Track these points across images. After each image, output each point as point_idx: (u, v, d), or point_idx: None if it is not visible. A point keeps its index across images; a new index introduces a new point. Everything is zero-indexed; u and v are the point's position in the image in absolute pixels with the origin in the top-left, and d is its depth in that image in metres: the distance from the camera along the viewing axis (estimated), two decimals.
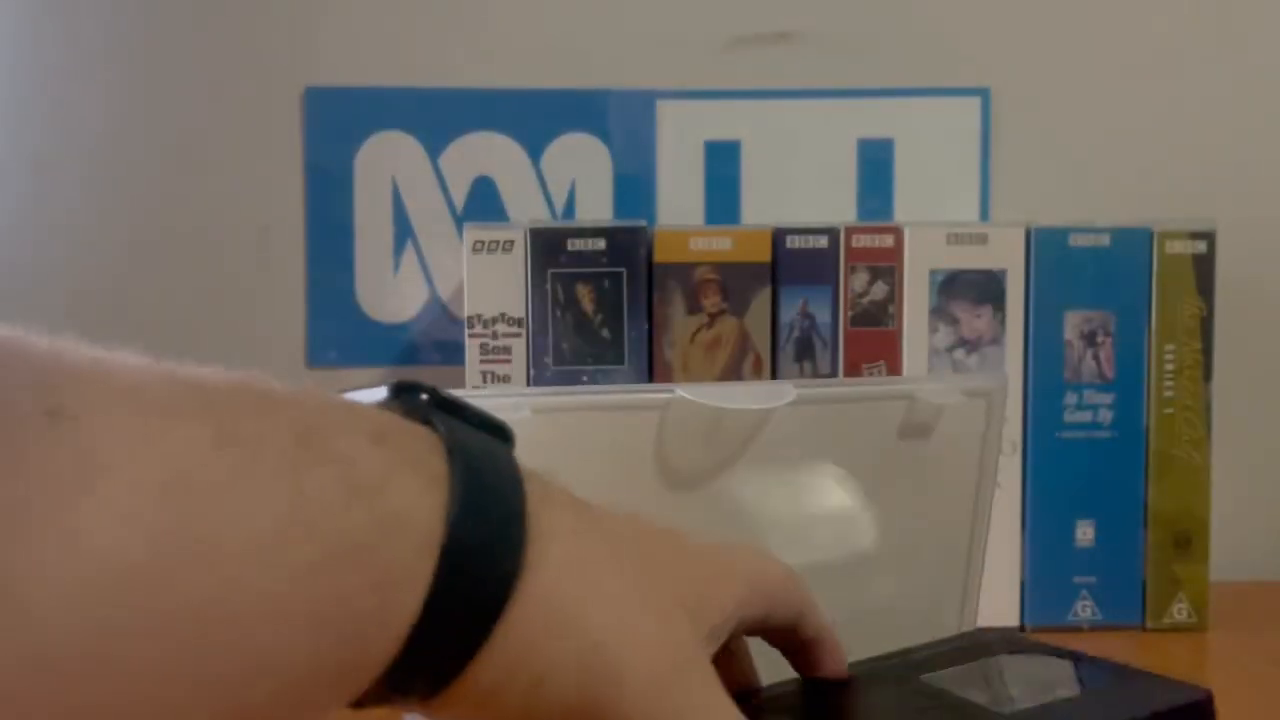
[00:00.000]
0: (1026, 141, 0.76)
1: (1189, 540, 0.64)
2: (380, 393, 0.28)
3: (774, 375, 0.63)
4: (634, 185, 0.76)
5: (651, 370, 0.63)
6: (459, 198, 0.76)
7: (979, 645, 0.38)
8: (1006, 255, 0.63)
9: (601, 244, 0.62)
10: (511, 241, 0.63)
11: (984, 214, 0.76)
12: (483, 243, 0.63)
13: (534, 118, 0.76)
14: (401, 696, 0.24)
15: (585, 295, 0.62)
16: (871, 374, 0.63)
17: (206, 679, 0.21)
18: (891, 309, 0.63)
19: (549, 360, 0.63)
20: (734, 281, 0.63)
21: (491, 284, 0.63)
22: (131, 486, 0.20)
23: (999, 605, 0.64)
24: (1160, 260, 0.63)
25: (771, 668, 0.35)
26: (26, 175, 0.76)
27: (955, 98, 0.76)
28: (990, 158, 0.76)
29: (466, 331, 0.63)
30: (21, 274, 0.76)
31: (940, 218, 0.73)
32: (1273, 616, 0.68)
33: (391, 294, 0.76)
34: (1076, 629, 0.64)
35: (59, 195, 0.76)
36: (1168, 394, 0.63)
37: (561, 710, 0.25)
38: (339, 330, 0.76)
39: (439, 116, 0.76)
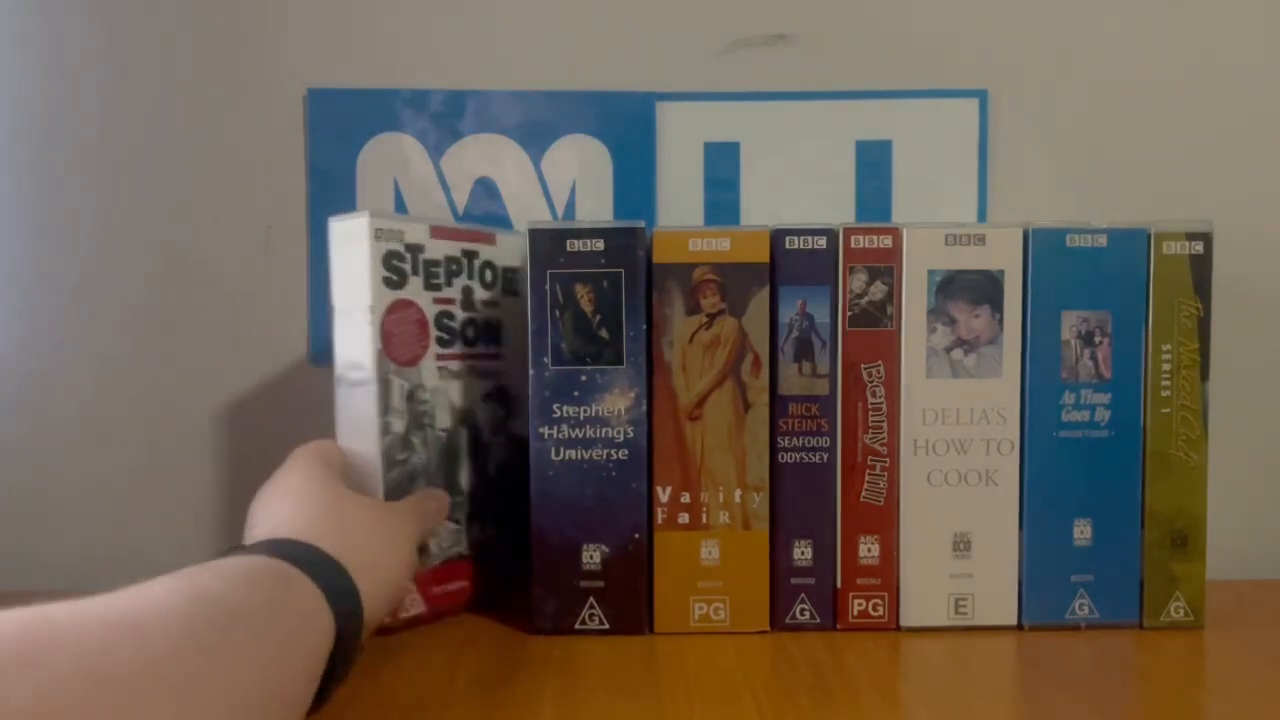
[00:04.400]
0: (1024, 143, 0.76)
1: (1186, 539, 0.64)
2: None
3: (773, 375, 0.64)
4: (634, 186, 0.76)
5: (651, 370, 0.63)
6: (460, 199, 0.76)
7: None
8: (1004, 256, 0.64)
9: (600, 244, 0.63)
10: (361, 230, 0.61)
11: (982, 215, 0.76)
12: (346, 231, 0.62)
13: (535, 119, 0.76)
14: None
15: (584, 296, 0.63)
16: (870, 374, 0.64)
17: None
18: (890, 309, 0.64)
19: (548, 360, 0.63)
20: (733, 282, 0.63)
21: (349, 273, 0.62)
22: None
23: (997, 604, 0.64)
24: (1157, 261, 0.64)
25: None
26: (29, 176, 0.77)
27: (953, 99, 0.76)
28: (988, 159, 0.76)
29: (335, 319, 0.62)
30: (24, 274, 0.77)
31: (938, 218, 0.74)
32: (1270, 615, 0.68)
33: None
34: (1074, 627, 0.64)
35: (62, 196, 0.77)
36: (1165, 394, 0.64)
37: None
38: None
39: (441, 118, 0.76)
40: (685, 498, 0.64)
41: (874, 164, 0.76)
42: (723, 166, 0.76)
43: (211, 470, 0.78)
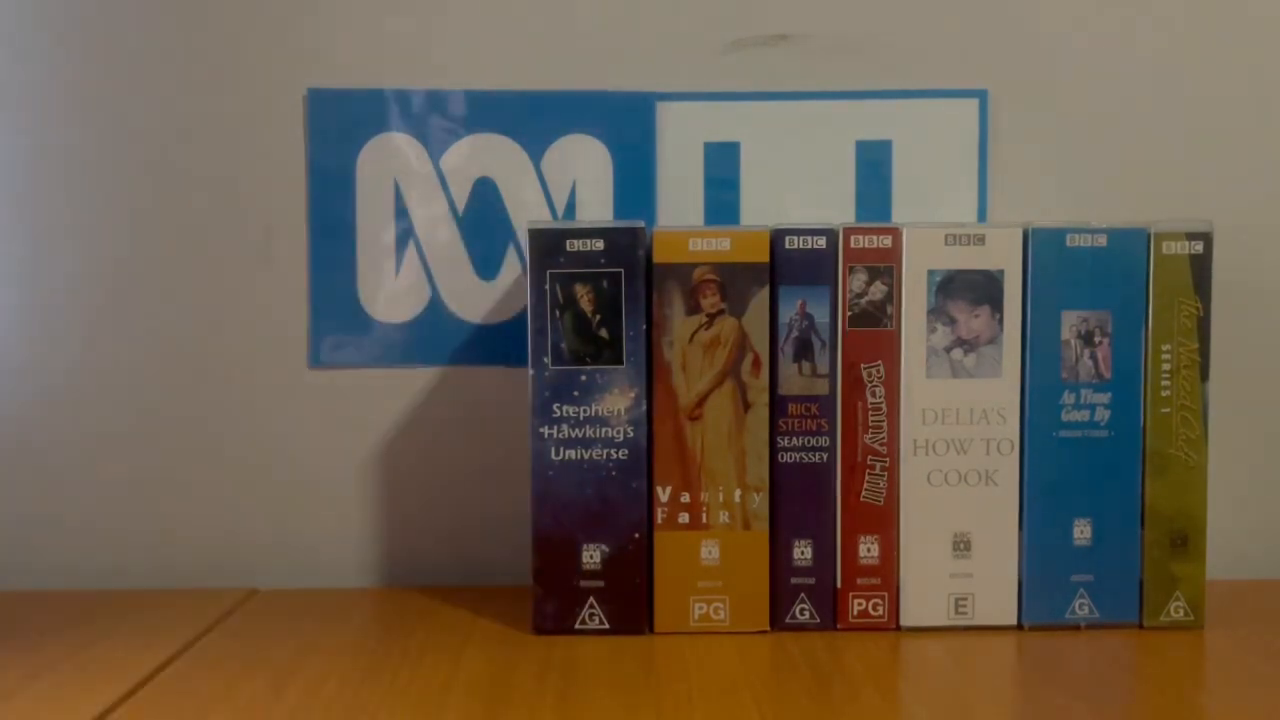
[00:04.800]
0: (1024, 143, 0.76)
1: (1186, 539, 0.64)
2: None
3: (773, 375, 0.64)
4: (634, 186, 0.76)
5: (651, 370, 0.63)
6: (460, 199, 0.76)
7: None
8: (1004, 256, 0.64)
9: (600, 244, 0.63)
10: None
11: (982, 215, 0.76)
12: None
13: (535, 119, 0.76)
14: None
15: (584, 295, 0.63)
16: (870, 374, 0.64)
17: None
18: (890, 309, 0.64)
19: (548, 360, 0.63)
20: (733, 282, 0.63)
21: None
22: None
23: (997, 604, 0.64)
24: (1157, 260, 0.64)
25: None
26: (28, 175, 0.77)
27: (953, 99, 0.76)
28: (988, 159, 0.76)
29: None
30: (23, 273, 0.77)
31: (938, 218, 0.74)
32: (1269, 615, 0.68)
33: (393, 294, 0.76)
34: (1074, 627, 0.64)
35: (61, 195, 0.77)
36: (1165, 394, 0.64)
37: None
38: (341, 330, 0.77)
39: (440, 118, 0.76)
40: (685, 498, 0.64)
41: (874, 164, 0.76)
42: (723, 166, 0.76)
43: (210, 472, 0.78)
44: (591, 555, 0.64)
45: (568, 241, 0.63)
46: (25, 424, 0.77)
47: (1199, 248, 0.64)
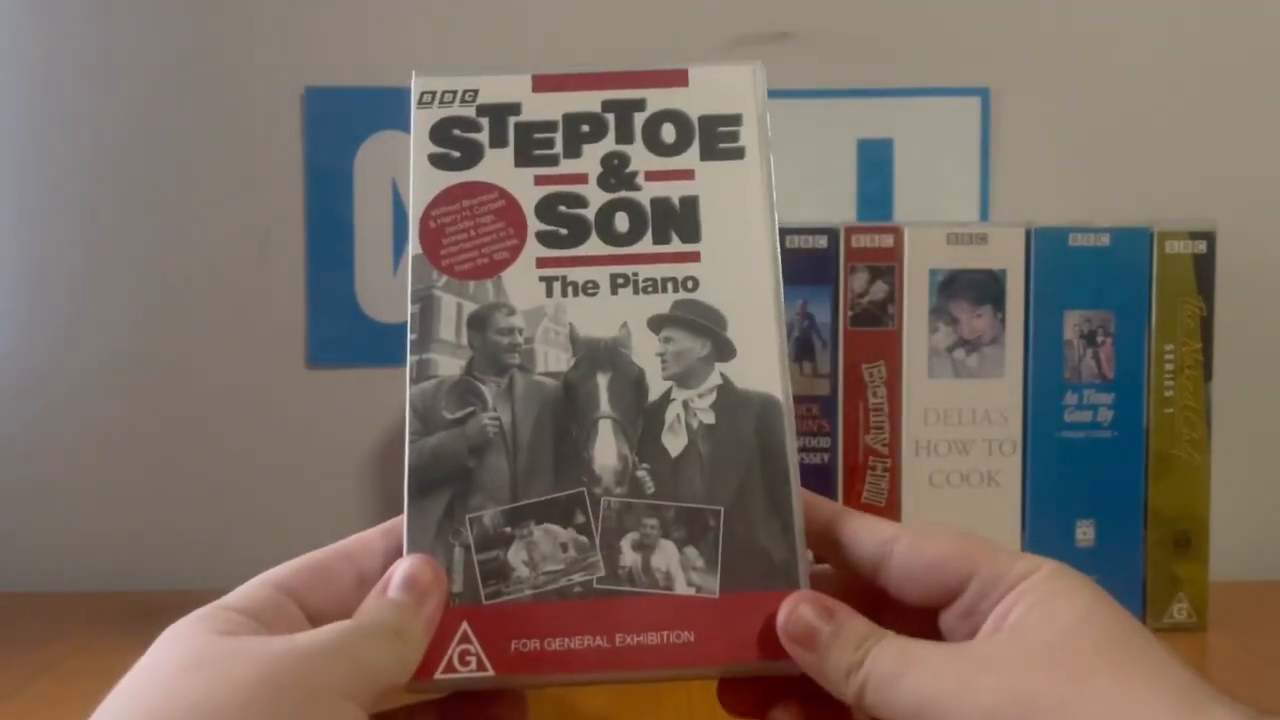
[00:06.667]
0: (1026, 141, 0.76)
1: (1189, 540, 0.64)
2: None
3: None
4: None
5: None
6: None
7: None
8: (1006, 255, 0.63)
9: None
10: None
11: (984, 214, 0.76)
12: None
13: None
14: None
15: None
16: (871, 374, 0.63)
17: None
18: (891, 309, 0.63)
19: None
20: None
21: None
22: None
23: None
24: (1160, 260, 0.63)
25: None
26: (24, 176, 0.76)
27: (955, 98, 0.76)
28: (990, 158, 0.76)
29: None
30: (20, 275, 0.77)
31: (940, 218, 0.73)
32: (1273, 616, 0.68)
33: (391, 294, 0.76)
34: None
35: (59, 194, 0.76)
36: (1168, 394, 0.63)
37: None
38: (339, 330, 0.76)
39: None
40: None
41: (875, 163, 0.76)
42: None
43: (209, 471, 0.77)
44: None
45: None
46: (24, 424, 0.77)
47: (1202, 247, 0.63)
